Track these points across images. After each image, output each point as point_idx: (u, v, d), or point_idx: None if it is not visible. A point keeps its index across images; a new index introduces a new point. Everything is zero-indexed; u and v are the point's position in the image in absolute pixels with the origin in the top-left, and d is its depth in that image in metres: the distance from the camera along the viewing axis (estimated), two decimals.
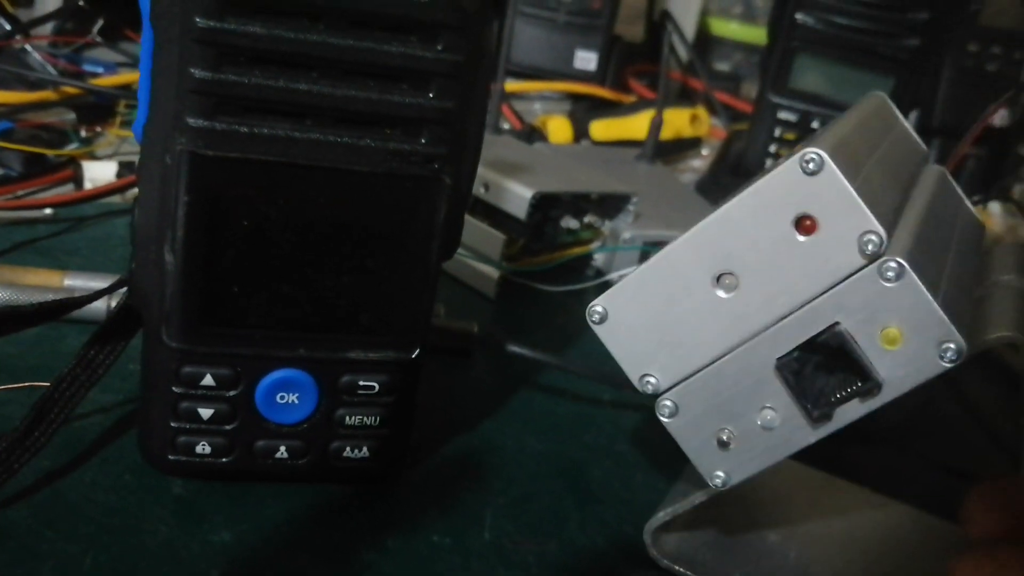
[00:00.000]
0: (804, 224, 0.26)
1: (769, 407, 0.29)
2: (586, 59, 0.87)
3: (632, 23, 1.02)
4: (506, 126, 0.75)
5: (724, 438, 0.29)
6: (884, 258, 0.26)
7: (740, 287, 0.28)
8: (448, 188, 0.31)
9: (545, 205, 0.54)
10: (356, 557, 0.32)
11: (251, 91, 0.28)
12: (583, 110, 0.83)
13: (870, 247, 0.26)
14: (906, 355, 0.27)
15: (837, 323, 0.27)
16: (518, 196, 0.51)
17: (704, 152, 0.85)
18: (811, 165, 0.26)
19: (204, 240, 0.30)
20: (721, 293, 0.28)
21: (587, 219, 0.57)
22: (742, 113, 0.90)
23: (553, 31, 0.86)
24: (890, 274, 0.26)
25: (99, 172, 0.56)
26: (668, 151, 0.79)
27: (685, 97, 0.99)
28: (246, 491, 0.34)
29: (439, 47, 0.29)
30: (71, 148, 0.59)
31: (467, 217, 0.53)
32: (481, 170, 0.53)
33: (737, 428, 0.29)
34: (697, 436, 0.30)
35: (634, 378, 0.30)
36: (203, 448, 0.32)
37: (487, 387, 0.44)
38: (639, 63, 0.97)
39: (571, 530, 0.36)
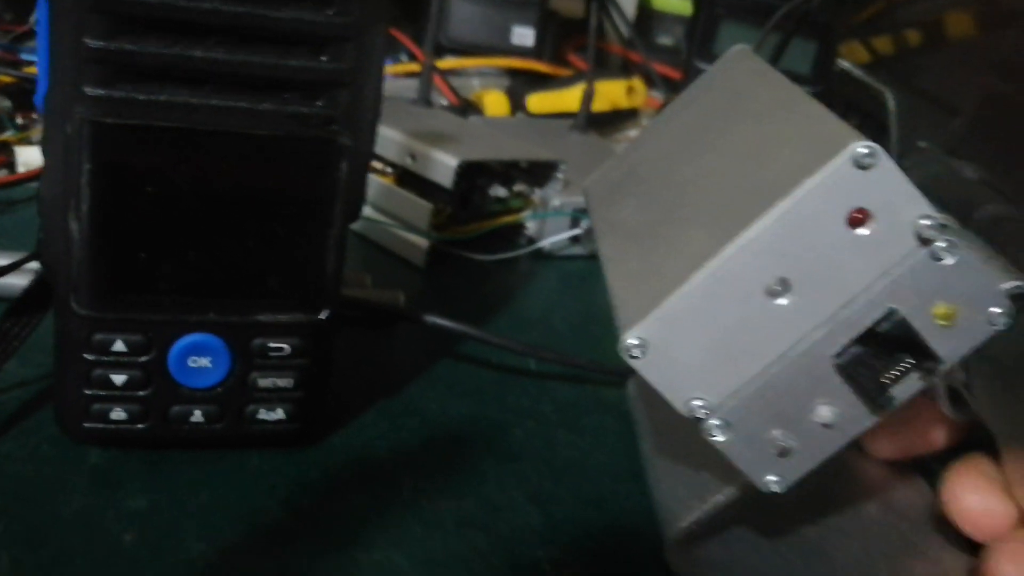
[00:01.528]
0: (857, 218, 0.26)
1: (826, 403, 0.28)
2: (523, 35, 0.87)
3: None
4: (443, 102, 0.76)
5: (782, 444, 0.28)
6: (939, 239, 0.26)
7: (793, 291, 0.27)
8: (348, 149, 0.31)
9: (472, 174, 0.54)
10: (271, 518, 0.33)
11: (147, 59, 0.29)
12: (521, 85, 0.84)
13: (927, 232, 0.26)
14: (959, 327, 0.27)
15: (893, 309, 0.27)
16: (444, 165, 0.52)
17: (643, 123, 0.86)
18: (867, 159, 0.25)
19: (108, 207, 0.30)
20: (773, 301, 0.27)
21: (516, 187, 0.57)
22: (683, 84, 0.90)
23: (489, 7, 0.86)
24: (945, 255, 0.26)
25: (32, 157, 0.56)
26: (605, 122, 0.80)
27: (626, 71, 1.00)
28: (163, 458, 0.34)
29: (331, 11, 0.29)
30: (6, 135, 0.59)
31: (394, 187, 0.54)
32: (408, 141, 0.54)
33: (794, 430, 0.28)
34: (750, 447, 0.28)
35: (679, 404, 0.28)
36: (118, 415, 0.33)
37: (412, 354, 0.45)
38: (580, 38, 0.97)
39: (489, 488, 0.36)
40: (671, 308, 0.27)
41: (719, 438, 0.28)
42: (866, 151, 0.25)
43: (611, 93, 0.80)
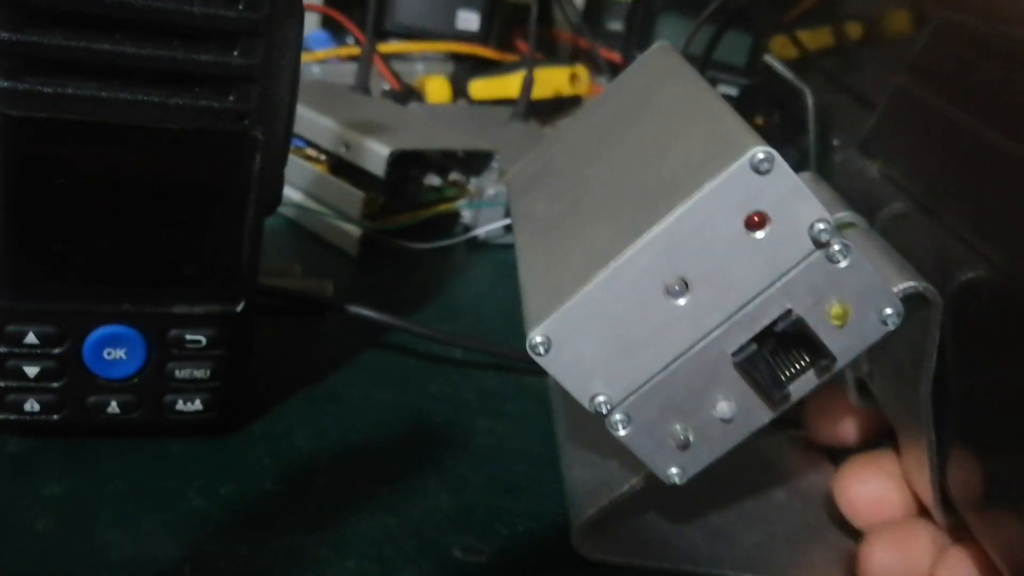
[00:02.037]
0: (754, 221, 0.27)
1: (725, 399, 0.29)
2: (468, 19, 0.87)
3: None
4: (385, 87, 0.76)
5: (681, 437, 0.29)
6: (833, 242, 0.27)
7: (692, 291, 0.27)
8: (261, 144, 0.32)
9: (407, 163, 0.55)
10: (186, 504, 0.33)
11: (55, 51, 0.29)
12: (466, 70, 0.84)
13: (823, 235, 0.27)
14: (853, 327, 0.28)
15: (789, 309, 0.28)
16: (376, 154, 0.52)
17: None
18: (764, 165, 0.26)
19: (19, 199, 0.30)
20: (672, 300, 0.27)
21: (452, 176, 0.58)
22: None
23: None
24: (839, 257, 0.27)
25: None
26: (548, 109, 0.81)
27: (576, 57, 1.00)
28: (83, 446, 0.35)
29: (241, 5, 0.30)
30: None
31: (327, 176, 0.55)
32: (342, 129, 0.54)
33: (693, 425, 0.29)
34: (652, 441, 0.29)
35: (584, 400, 0.28)
36: (31, 406, 0.33)
37: (338, 343, 0.45)
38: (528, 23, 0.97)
39: (405, 474, 0.37)
40: (574, 306, 0.27)
41: (621, 432, 0.29)
42: (763, 156, 0.26)
43: (554, 80, 0.81)
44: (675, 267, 0.27)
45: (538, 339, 0.28)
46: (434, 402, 0.42)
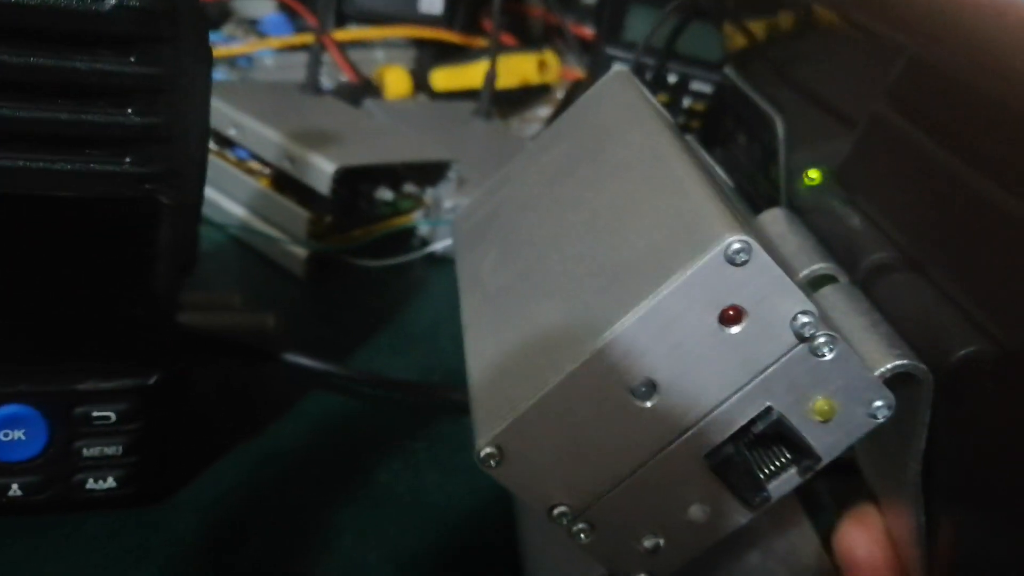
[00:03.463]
0: (729, 315, 0.24)
1: (698, 502, 0.26)
2: (431, 2, 0.83)
3: None
4: (343, 78, 0.72)
5: (649, 545, 0.27)
6: (818, 335, 0.24)
7: (660, 392, 0.24)
8: (167, 209, 0.28)
9: (355, 178, 0.51)
10: None
11: None
12: (429, 56, 0.80)
13: (806, 329, 0.24)
14: (839, 422, 0.25)
15: (769, 407, 0.25)
16: (320, 171, 0.49)
17: (558, 98, 0.83)
18: (741, 256, 0.23)
19: None
20: (639, 403, 0.24)
21: (406, 188, 0.55)
22: (592, 74, 0.87)
23: None
24: (824, 350, 0.24)
25: None
26: (515, 100, 0.77)
27: (549, 39, 0.96)
28: None
29: (132, 59, 0.26)
30: None
31: (272, 194, 0.51)
32: (286, 141, 0.51)
33: (664, 530, 0.27)
34: (618, 549, 0.27)
35: (541, 511, 0.26)
36: None
37: (280, 387, 0.42)
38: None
39: (345, 545, 0.34)
40: (527, 415, 0.24)
41: (585, 541, 0.26)
42: (740, 246, 0.23)
43: (521, 68, 0.77)
44: (640, 368, 0.24)
45: (490, 451, 0.24)
46: (381, 455, 0.39)
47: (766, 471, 0.26)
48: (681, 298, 0.23)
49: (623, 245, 0.26)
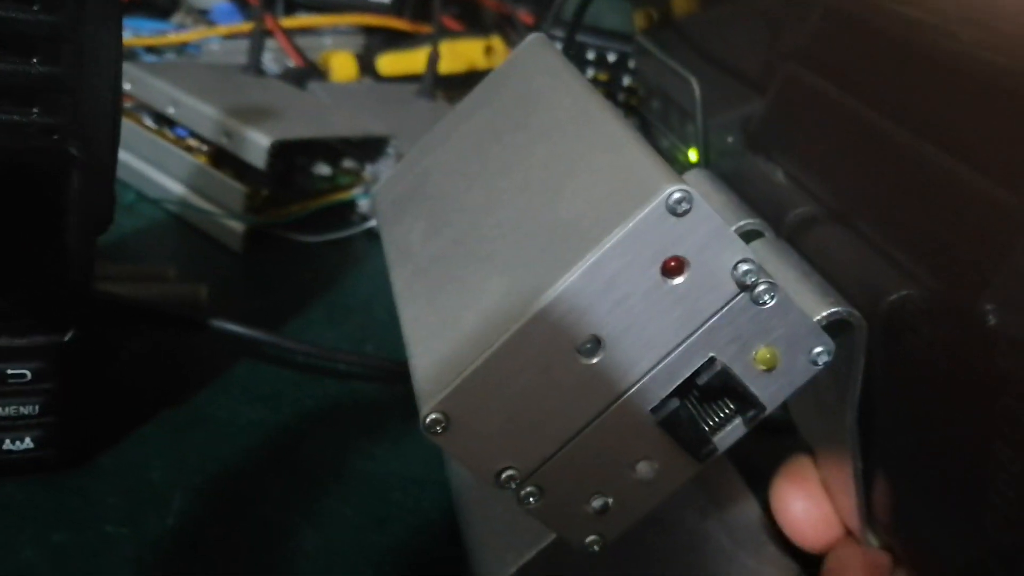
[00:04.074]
0: (671, 267, 0.24)
1: (645, 458, 0.26)
2: None
3: None
4: (291, 63, 0.72)
5: (598, 506, 0.26)
6: (759, 282, 0.24)
7: (606, 348, 0.24)
8: (77, 160, 0.28)
9: (293, 152, 0.51)
10: (13, 557, 0.30)
11: None
12: (377, 44, 0.80)
13: (748, 277, 0.24)
14: (781, 371, 0.26)
15: (713, 358, 0.25)
16: (256, 145, 0.48)
17: None
18: (682, 206, 0.23)
19: None
20: (585, 360, 0.24)
21: (345, 164, 0.55)
22: None
23: None
24: (765, 297, 0.24)
25: None
26: (462, 84, 0.77)
27: (501, 26, 0.96)
28: None
29: (35, 7, 0.26)
30: None
31: (209, 169, 0.51)
32: (223, 117, 0.51)
33: (612, 489, 0.26)
34: (567, 512, 0.27)
35: (488, 478, 0.25)
36: None
37: (209, 356, 0.42)
38: None
39: (267, 508, 0.34)
40: (473, 378, 0.24)
41: (533, 505, 0.26)
42: (680, 195, 0.23)
43: (467, 53, 0.77)
44: (585, 325, 0.24)
45: (433, 417, 0.24)
46: (309, 422, 0.39)
47: (711, 423, 0.26)
48: (624, 251, 0.23)
49: (560, 205, 0.26)
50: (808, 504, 0.33)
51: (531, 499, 0.26)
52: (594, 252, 0.23)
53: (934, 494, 0.28)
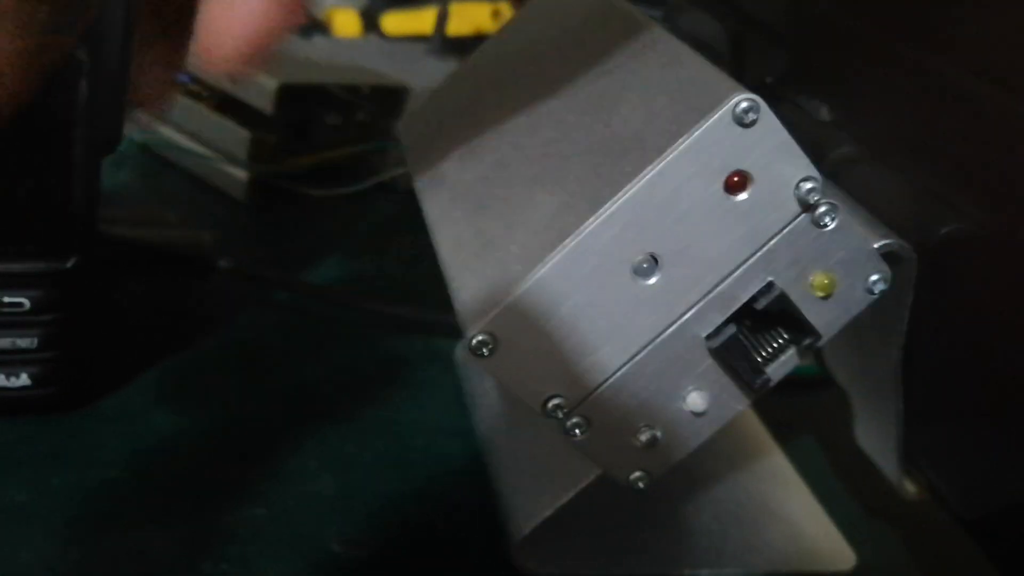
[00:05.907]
0: (734, 181, 0.23)
1: (696, 389, 0.25)
2: None
3: None
4: None
5: (646, 439, 0.25)
6: (822, 204, 0.23)
7: (662, 268, 0.23)
8: (86, 68, 0.26)
9: (305, 100, 0.49)
10: (6, 499, 0.28)
11: None
12: (380, 2, 0.78)
13: (811, 196, 0.23)
14: (838, 298, 0.24)
15: (771, 282, 0.24)
16: (262, 88, 0.46)
17: None
18: (750, 115, 0.22)
19: None
20: (640, 281, 0.23)
21: (359, 116, 0.52)
22: None
23: None
24: (827, 219, 0.23)
25: None
26: (468, 47, 0.75)
27: None
28: None
29: None
30: None
31: (213, 115, 0.49)
32: None
33: (662, 421, 0.25)
34: (614, 444, 0.25)
35: (535, 405, 0.24)
36: None
37: (218, 304, 0.40)
38: None
39: (281, 455, 0.32)
40: (523, 297, 0.22)
41: (580, 437, 0.25)
42: (748, 104, 0.22)
43: (474, 16, 0.75)
44: (645, 242, 0.23)
45: (480, 338, 0.23)
46: (324, 369, 0.37)
47: (765, 352, 0.25)
48: (688, 162, 0.22)
49: (615, 121, 0.25)
50: None
51: (577, 430, 0.24)
52: (657, 162, 0.22)
53: (984, 429, 0.28)
